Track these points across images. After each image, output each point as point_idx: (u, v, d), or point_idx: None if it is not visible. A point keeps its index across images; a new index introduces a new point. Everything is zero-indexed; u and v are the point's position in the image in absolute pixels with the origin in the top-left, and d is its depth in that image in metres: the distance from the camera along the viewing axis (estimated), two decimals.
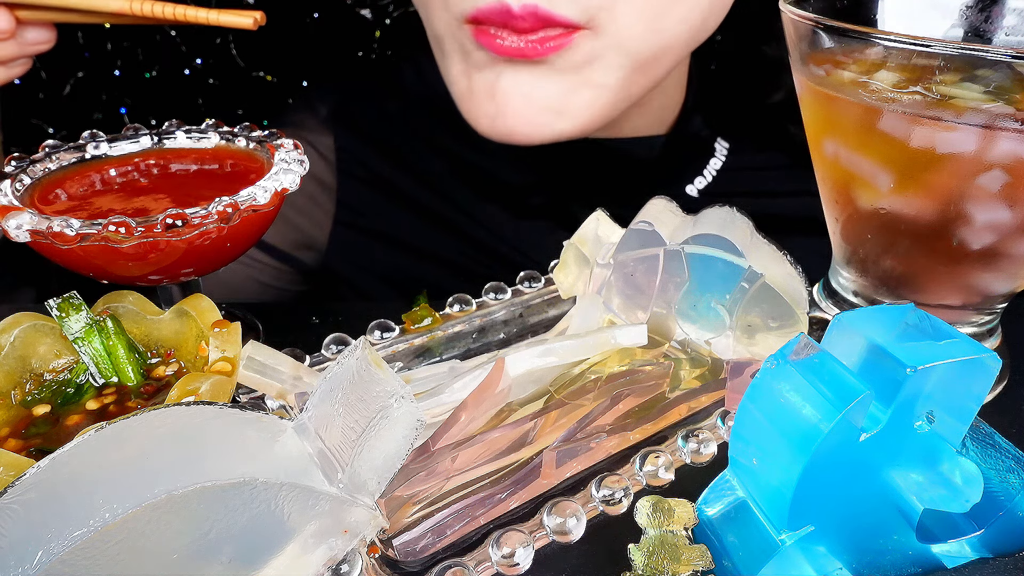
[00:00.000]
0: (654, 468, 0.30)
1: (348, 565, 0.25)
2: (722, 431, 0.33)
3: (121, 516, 0.20)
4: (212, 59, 0.83)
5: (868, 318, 0.27)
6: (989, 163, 0.32)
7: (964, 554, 0.29)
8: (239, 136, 0.45)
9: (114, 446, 0.22)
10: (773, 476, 0.26)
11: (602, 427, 0.32)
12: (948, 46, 0.31)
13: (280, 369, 0.33)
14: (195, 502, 0.21)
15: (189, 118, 0.46)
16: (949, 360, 0.25)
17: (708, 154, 0.65)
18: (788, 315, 0.36)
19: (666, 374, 0.35)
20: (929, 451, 0.27)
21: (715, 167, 0.65)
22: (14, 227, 0.34)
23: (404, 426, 0.24)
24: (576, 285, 0.43)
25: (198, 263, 0.38)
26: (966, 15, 0.40)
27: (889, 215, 0.36)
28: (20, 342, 0.33)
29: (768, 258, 0.37)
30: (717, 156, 0.65)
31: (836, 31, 0.34)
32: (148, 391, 0.34)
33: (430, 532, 0.28)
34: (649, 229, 0.39)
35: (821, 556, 0.27)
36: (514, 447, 0.32)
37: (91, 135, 0.43)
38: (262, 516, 0.23)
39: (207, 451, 0.22)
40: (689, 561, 0.27)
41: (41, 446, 0.31)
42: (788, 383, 0.25)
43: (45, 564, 0.19)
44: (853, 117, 0.35)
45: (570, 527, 0.28)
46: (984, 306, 0.39)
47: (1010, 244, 0.34)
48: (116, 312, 0.35)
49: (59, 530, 0.20)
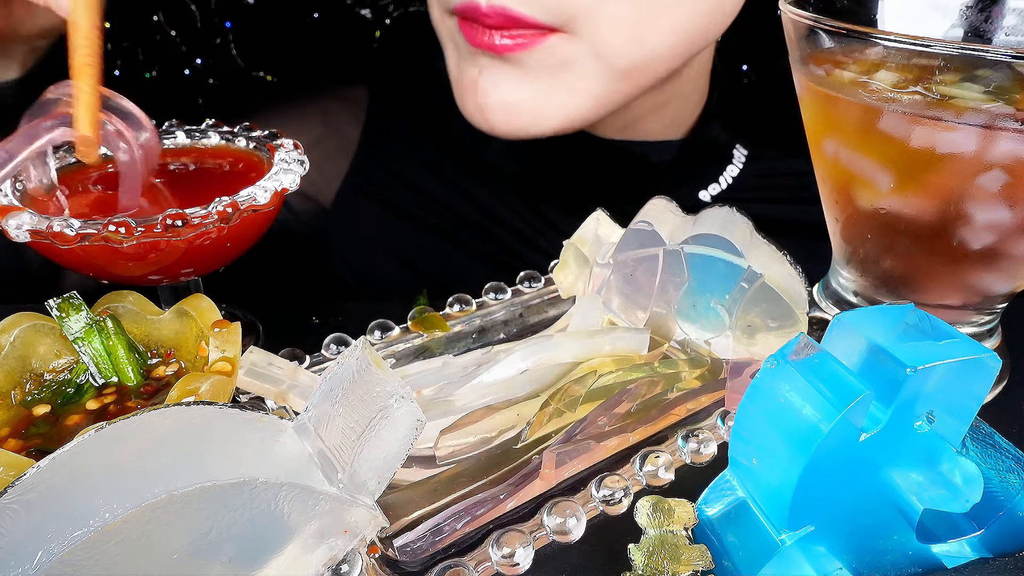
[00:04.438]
0: (654, 468, 0.30)
1: (348, 565, 0.25)
2: (722, 431, 0.33)
3: (121, 516, 0.20)
4: (212, 59, 0.83)
5: (868, 318, 0.27)
6: (989, 163, 0.32)
7: (964, 554, 0.29)
8: (239, 136, 0.45)
9: (114, 446, 0.22)
10: (773, 476, 0.26)
11: (602, 427, 0.32)
12: (948, 46, 0.31)
13: (279, 376, 0.33)
14: (195, 502, 0.21)
15: (189, 118, 0.46)
16: (949, 360, 0.25)
17: (725, 160, 0.64)
18: (788, 315, 0.36)
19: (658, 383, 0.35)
20: (929, 451, 0.27)
21: (732, 174, 0.64)
22: (14, 227, 0.34)
23: (404, 426, 0.24)
24: (576, 285, 0.43)
25: (198, 263, 0.38)
26: (966, 15, 0.40)
27: (889, 215, 0.36)
28: (20, 342, 0.33)
29: (768, 258, 0.37)
30: (735, 163, 0.65)
31: (836, 31, 0.34)
32: (148, 391, 0.34)
33: (430, 532, 0.28)
34: (649, 229, 0.39)
35: (821, 556, 0.27)
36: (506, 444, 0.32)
37: None
38: (262, 516, 0.23)
39: (207, 451, 0.22)
40: (689, 561, 0.27)
41: (41, 446, 0.31)
42: (788, 383, 0.25)
43: (45, 564, 0.19)
44: (853, 117, 0.35)
45: (570, 527, 0.28)
46: (984, 306, 0.39)
47: (1010, 244, 0.34)
48: (116, 312, 0.35)
49: (59, 530, 0.19)
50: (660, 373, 0.35)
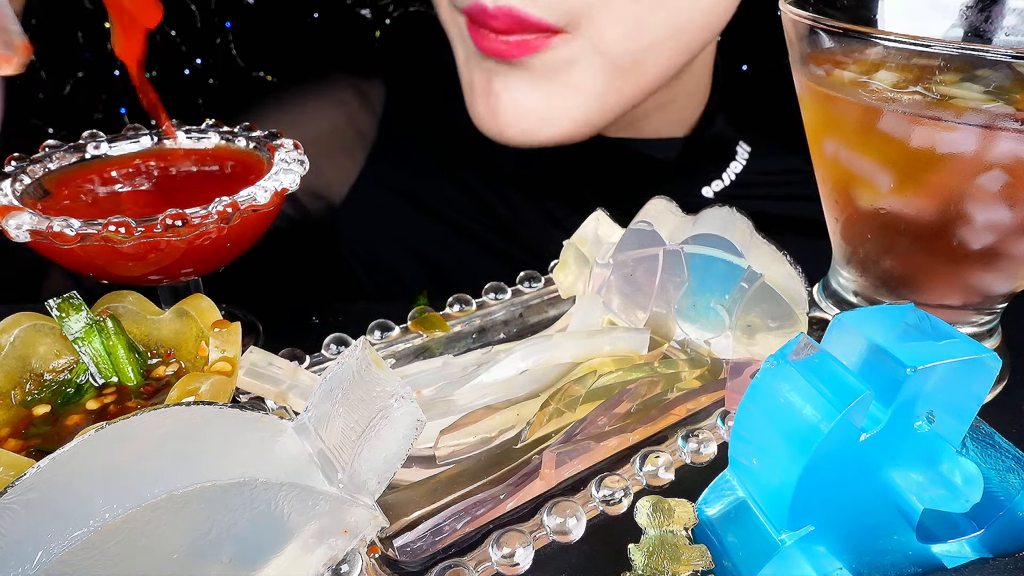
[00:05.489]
0: (654, 468, 0.30)
1: (348, 565, 0.25)
2: (722, 431, 0.33)
3: (121, 516, 0.20)
4: (212, 59, 0.83)
5: (868, 318, 0.27)
6: (989, 163, 0.32)
7: (964, 554, 0.29)
8: (239, 136, 0.45)
9: (114, 446, 0.22)
10: (773, 476, 0.26)
11: (602, 427, 0.32)
12: (948, 46, 0.31)
13: (279, 376, 0.33)
14: (195, 502, 0.21)
15: (189, 118, 0.46)
16: (949, 360, 0.25)
17: (729, 157, 0.65)
18: (788, 315, 0.36)
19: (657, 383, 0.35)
20: (929, 451, 0.27)
21: (735, 170, 0.64)
22: (14, 227, 0.34)
23: (404, 426, 0.24)
24: (576, 285, 0.43)
25: (198, 263, 0.38)
26: (966, 15, 0.40)
27: (889, 215, 0.36)
28: (20, 342, 0.33)
29: (768, 258, 0.37)
30: (738, 160, 0.65)
31: (836, 31, 0.34)
32: (148, 391, 0.34)
33: (430, 532, 0.28)
34: (649, 229, 0.39)
35: (821, 556, 0.27)
36: (506, 444, 0.32)
37: (91, 135, 0.43)
38: (262, 516, 0.23)
39: (207, 451, 0.22)
40: (689, 561, 0.27)
41: (41, 446, 0.31)
42: (788, 383, 0.25)
43: (45, 564, 0.19)
44: (853, 117, 0.35)
45: (570, 527, 0.28)
46: (984, 306, 0.39)
47: (1010, 244, 0.34)
48: (116, 312, 0.35)
49: (59, 530, 0.19)
50: (660, 373, 0.35)
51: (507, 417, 0.33)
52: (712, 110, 0.65)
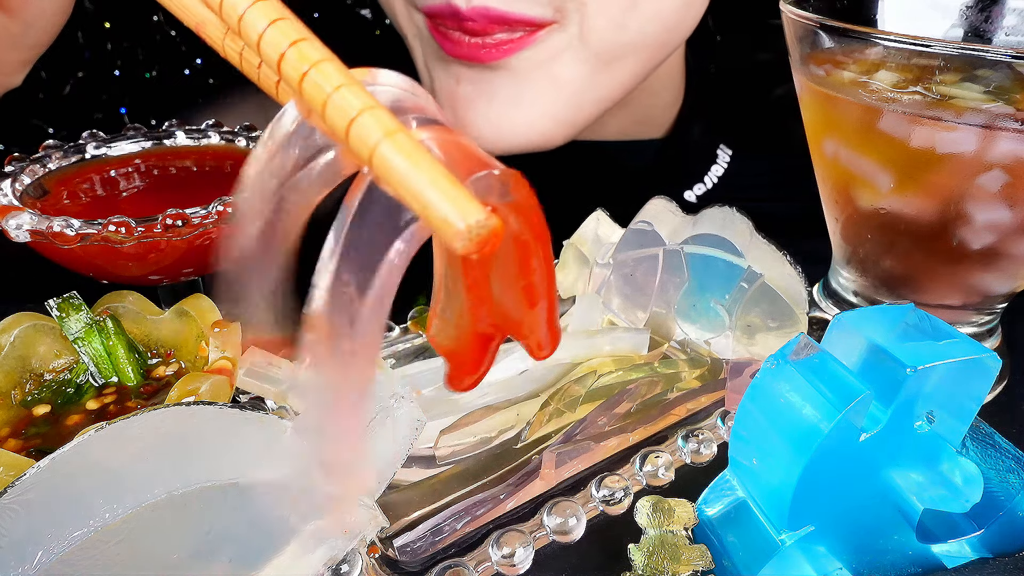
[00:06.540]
0: (654, 468, 0.30)
1: (348, 565, 0.25)
2: (722, 431, 0.33)
3: (121, 516, 0.20)
4: (212, 59, 0.83)
5: (868, 318, 0.27)
6: (989, 163, 0.32)
7: (964, 554, 0.29)
8: (239, 136, 0.45)
9: (114, 446, 0.22)
10: (773, 476, 0.26)
11: (602, 427, 0.32)
12: (948, 46, 0.31)
13: (279, 376, 0.33)
14: (195, 502, 0.21)
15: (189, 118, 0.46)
16: (949, 360, 0.25)
17: (709, 161, 0.63)
18: (788, 315, 0.36)
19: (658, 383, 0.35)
20: (929, 451, 0.27)
21: (716, 173, 0.63)
22: (14, 227, 0.34)
23: (404, 426, 0.24)
24: (576, 285, 0.43)
25: (198, 263, 0.38)
26: (966, 15, 0.40)
27: (889, 215, 0.36)
28: (20, 342, 0.33)
29: (768, 258, 0.37)
30: (719, 163, 0.64)
31: (836, 31, 0.34)
32: (148, 391, 0.34)
33: (430, 532, 0.28)
34: (649, 229, 0.39)
35: (821, 556, 0.27)
36: (506, 444, 0.32)
37: (91, 135, 0.43)
38: (262, 516, 0.23)
39: (207, 451, 0.22)
40: (689, 561, 0.27)
41: (41, 446, 0.31)
42: (788, 383, 0.25)
43: (45, 564, 0.19)
44: (853, 117, 0.35)
45: (570, 527, 0.28)
46: (984, 306, 0.39)
47: (1010, 244, 0.34)
48: (116, 312, 0.35)
49: (59, 530, 0.20)
50: (660, 373, 0.35)
51: (507, 417, 0.33)
52: (687, 112, 0.63)
